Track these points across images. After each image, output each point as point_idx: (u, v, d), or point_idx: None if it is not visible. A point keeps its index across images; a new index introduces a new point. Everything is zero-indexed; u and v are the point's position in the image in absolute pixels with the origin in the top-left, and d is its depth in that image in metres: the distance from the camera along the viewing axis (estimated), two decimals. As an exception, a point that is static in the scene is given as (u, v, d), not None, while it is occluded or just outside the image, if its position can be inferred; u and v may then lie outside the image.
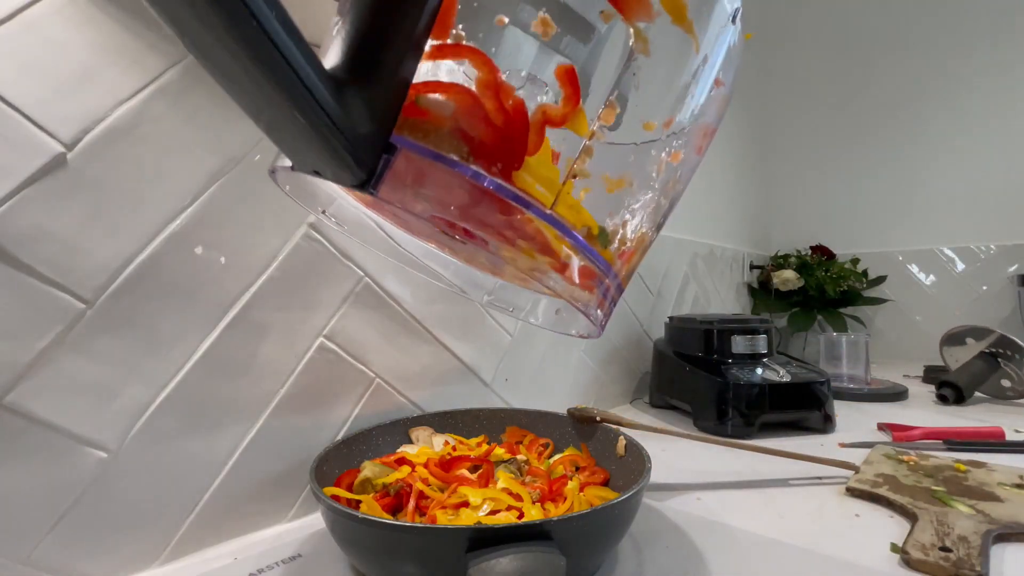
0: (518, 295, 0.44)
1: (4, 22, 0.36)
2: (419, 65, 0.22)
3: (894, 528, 0.50)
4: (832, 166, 1.68)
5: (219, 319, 0.46)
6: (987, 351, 0.94)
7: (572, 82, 0.27)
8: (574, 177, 0.28)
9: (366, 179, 0.21)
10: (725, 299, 1.43)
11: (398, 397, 0.61)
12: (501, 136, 0.25)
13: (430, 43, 0.24)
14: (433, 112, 0.24)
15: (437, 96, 0.25)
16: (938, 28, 1.51)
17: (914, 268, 1.53)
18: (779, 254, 1.57)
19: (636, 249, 0.33)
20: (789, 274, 1.44)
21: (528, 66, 0.28)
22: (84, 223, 0.39)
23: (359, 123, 0.19)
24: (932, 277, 1.51)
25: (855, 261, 1.51)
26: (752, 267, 1.59)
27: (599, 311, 0.30)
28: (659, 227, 0.35)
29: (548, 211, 0.27)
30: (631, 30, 0.27)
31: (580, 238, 0.28)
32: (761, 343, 0.88)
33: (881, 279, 1.51)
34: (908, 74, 1.55)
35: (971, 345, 0.94)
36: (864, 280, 1.48)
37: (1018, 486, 0.57)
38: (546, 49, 0.67)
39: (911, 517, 0.50)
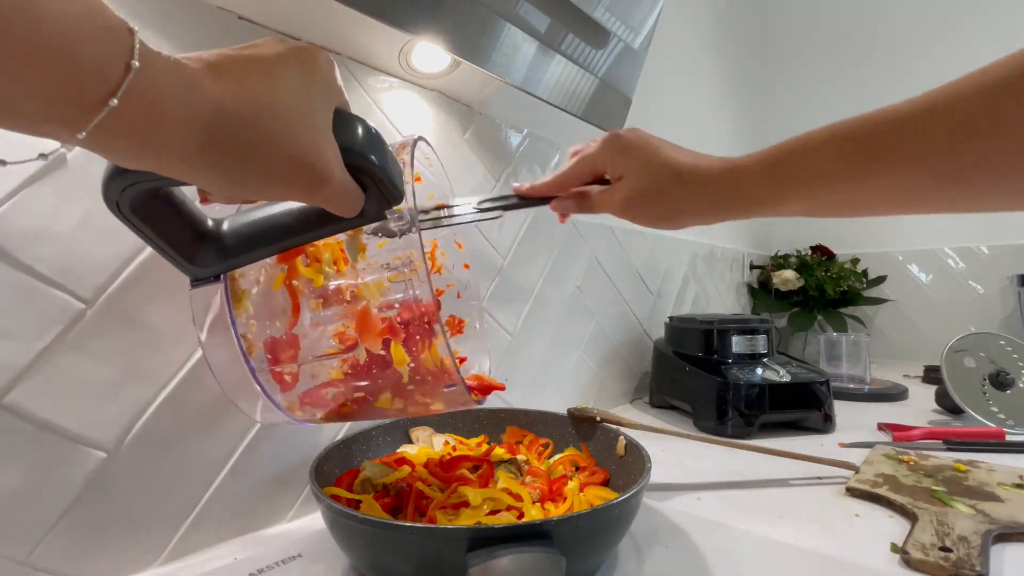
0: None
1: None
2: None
3: (894, 528, 0.50)
4: (832, 166, 1.68)
5: (219, 319, 0.46)
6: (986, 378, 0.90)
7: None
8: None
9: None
10: (725, 299, 1.43)
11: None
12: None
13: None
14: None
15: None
16: (939, 27, 1.51)
17: (914, 268, 1.53)
18: (779, 254, 1.57)
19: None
20: (789, 274, 1.44)
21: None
22: (84, 223, 0.39)
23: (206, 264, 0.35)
24: (932, 277, 1.51)
25: (855, 261, 1.51)
26: (752, 267, 1.59)
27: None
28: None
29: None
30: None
31: None
32: (761, 343, 0.88)
33: (881, 279, 1.51)
34: (908, 75, 1.55)
35: (970, 364, 0.92)
36: (864, 280, 1.48)
37: (1018, 486, 0.57)
38: (546, 49, 0.67)
39: (911, 517, 0.50)
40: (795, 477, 0.63)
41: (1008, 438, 0.75)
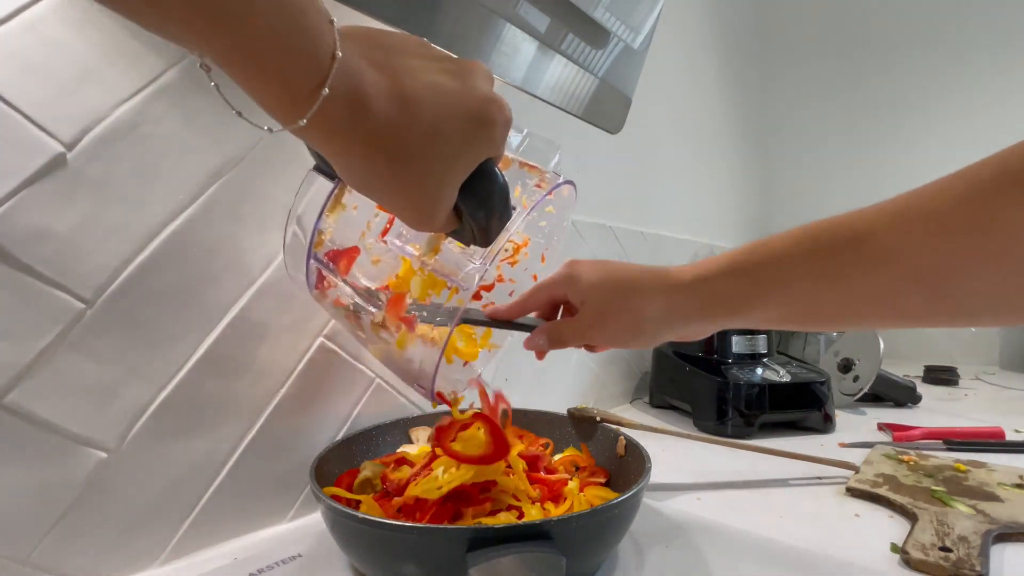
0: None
1: (4, 22, 0.36)
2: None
3: (894, 528, 0.50)
4: (832, 165, 1.68)
5: (219, 319, 0.46)
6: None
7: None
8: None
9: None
10: (725, 299, 1.43)
11: (398, 397, 0.61)
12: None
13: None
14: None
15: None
16: (939, 25, 1.51)
17: (914, 268, 1.53)
18: (779, 254, 1.57)
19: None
20: (789, 274, 1.44)
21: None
22: (84, 223, 0.39)
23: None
24: (932, 277, 1.51)
25: (855, 261, 1.50)
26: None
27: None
28: None
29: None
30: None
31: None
32: (761, 343, 0.88)
33: (881, 279, 1.50)
34: (908, 74, 1.55)
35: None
36: (864, 280, 1.48)
37: (1018, 486, 0.57)
38: (546, 49, 0.67)
39: (911, 517, 0.50)
40: (795, 477, 0.63)
41: (1008, 438, 0.75)
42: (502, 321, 0.48)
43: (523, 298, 0.48)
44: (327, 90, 0.20)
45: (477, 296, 0.56)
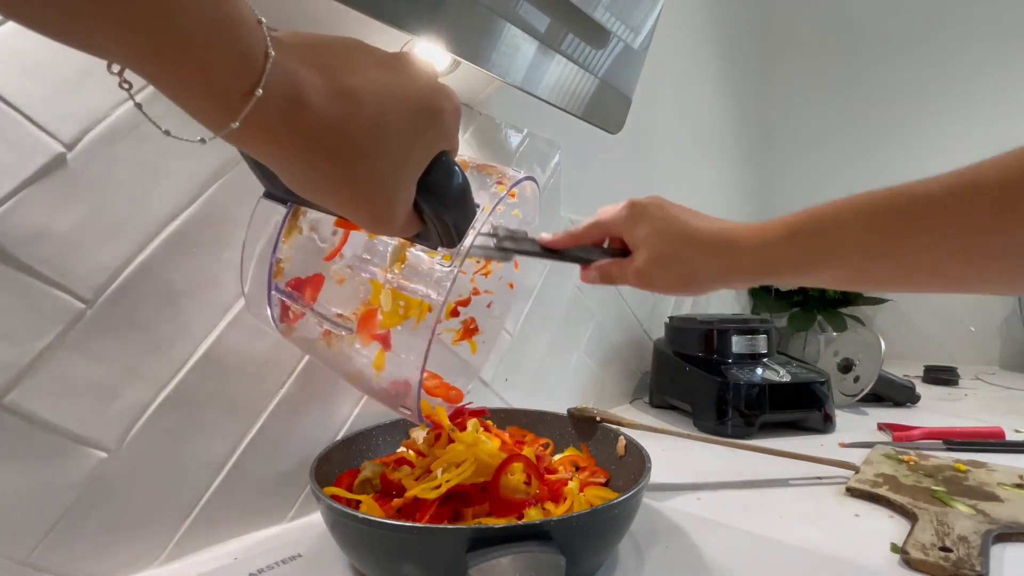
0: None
1: (4, 22, 0.36)
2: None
3: (894, 528, 0.50)
4: (832, 165, 1.68)
5: (219, 319, 0.46)
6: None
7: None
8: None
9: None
10: (725, 299, 1.43)
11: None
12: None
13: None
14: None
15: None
16: (939, 22, 1.51)
17: (914, 268, 1.53)
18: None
19: None
20: (789, 274, 1.44)
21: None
22: (84, 223, 0.39)
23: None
24: (932, 277, 1.51)
25: (855, 261, 1.50)
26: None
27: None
28: None
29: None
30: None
31: None
32: (761, 343, 0.88)
33: (881, 279, 1.50)
34: (908, 74, 1.55)
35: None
36: (864, 280, 1.48)
37: (1018, 486, 0.57)
38: (546, 49, 0.67)
39: (911, 517, 0.50)
40: (795, 477, 0.63)
41: (1008, 438, 0.75)
42: (553, 251, 0.48)
43: (577, 231, 0.48)
44: (261, 91, 0.19)
45: (454, 312, 0.56)
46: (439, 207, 0.27)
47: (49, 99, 0.37)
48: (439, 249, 0.32)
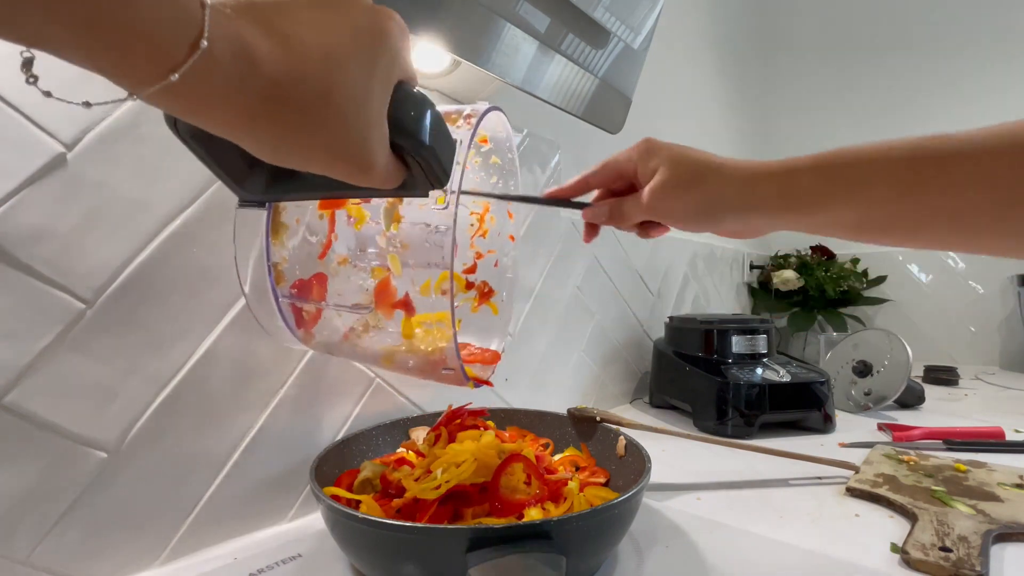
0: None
1: (4, 22, 0.36)
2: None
3: (894, 528, 0.50)
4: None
5: (219, 319, 0.46)
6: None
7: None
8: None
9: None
10: (725, 299, 1.43)
11: (398, 397, 0.61)
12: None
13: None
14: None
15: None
16: (939, 21, 1.51)
17: (914, 268, 1.54)
18: (779, 254, 1.57)
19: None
20: (789, 274, 1.44)
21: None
22: (84, 223, 0.39)
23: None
24: (932, 277, 1.51)
25: (855, 261, 1.51)
26: (752, 267, 1.59)
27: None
28: None
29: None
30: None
31: None
32: (761, 343, 0.88)
33: (881, 279, 1.51)
34: (909, 74, 1.55)
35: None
36: (864, 280, 1.48)
37: (1018, 486, 0.57)
38: (546, 49, 0.67)
39: (911, 517, 0.50)
40: (795, 477, 0.63)
41: (1008, 438, 0.75)
42: (564, 201, 0.46)
43: (587, 173, 0.46)
44: (205, 42, 0.18)
45: (469, 286, 0.55)
46: (415, 140, 0.26)
47: (49, 99, 0.37)
48: (431, 195, 0.30)
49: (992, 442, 0.74)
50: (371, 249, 0.41)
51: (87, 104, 0.21)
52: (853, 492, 0.57)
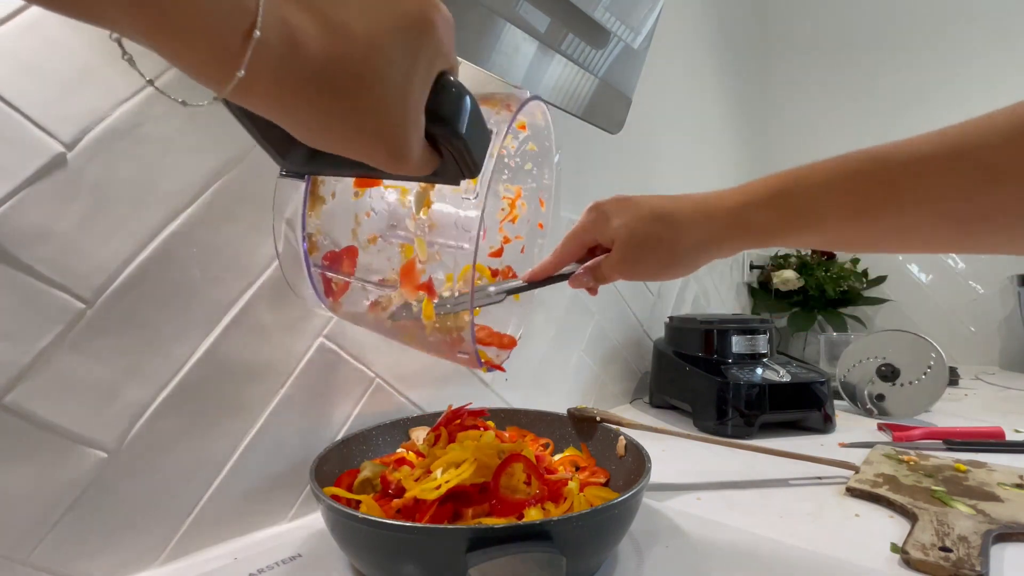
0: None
1: (4, 22, 0.36)
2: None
3: (894, 528, 0.50)
4: (832, 166, 1.68)
5: (219, 319, 0.46)
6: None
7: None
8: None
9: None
10: (725, 299, 1.43)
11: (398, 397, 0.61)
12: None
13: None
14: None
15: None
16: (938, 19, 1.51)
17: (914, 268, 1.53)
18: (779, 254, 1.57)
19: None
20: (789, 274, 1.44)
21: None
22: (84, 223, 0.39)
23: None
24: (932, 277, 1.51)
25: (855, 261, 1.50)
26: (752, 267, 1.59)
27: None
28: None
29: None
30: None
31: None
32: (761, 343, 0.88)
33: (881, 279, 1.50)
34: (909, 73, 1.55)
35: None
36: (864, 280, 1.48)
37: (1018, 486, 0.57)
38: (546, 49, 0.67)
39: (911, 517, 0.50)
40: (795, 477, 0.63)
41: (1008, 438, 0.75)
42: (543, 280, 0.49)
43: (556, 252, 0.48)
44: (259, 32, 0.19)
45: (494, 273, 0.55)
46: (450, 131, 0.26)
47: (49, 99, 0.37)
48: (462, 184, 0.31)
49: (992, 442, 0.74)
50: (400, 231, 0.42)
51: (184, 103, 0.23)
52: (853, 492, 0.57)
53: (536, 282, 0.48)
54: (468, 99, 0.27)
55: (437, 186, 0.40)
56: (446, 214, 0.41)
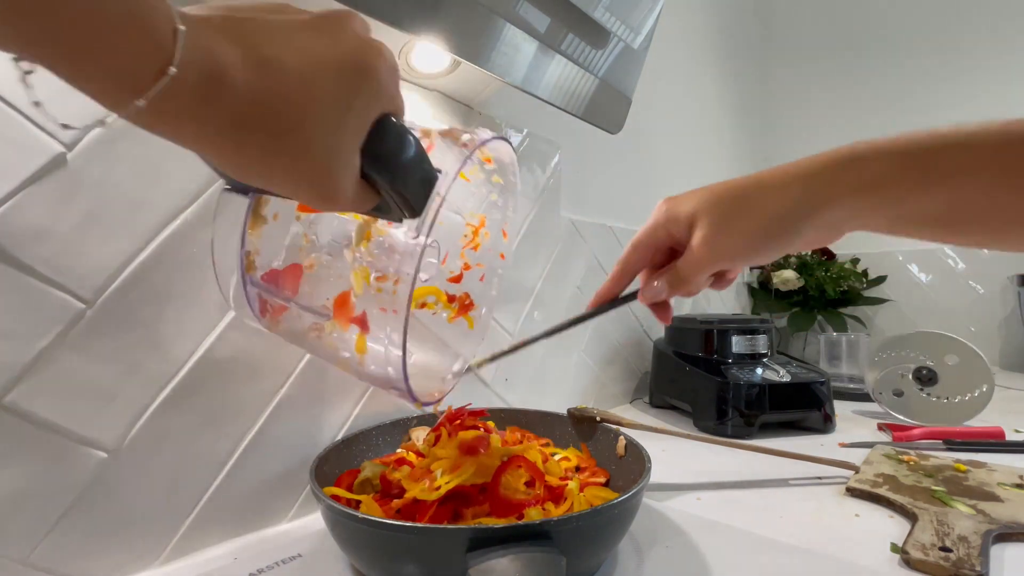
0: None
1: (4, 22, 0.36)
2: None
3: (894, 528, 0.50)
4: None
5: (219, 319, 0.46)
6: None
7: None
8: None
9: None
10: (725, 299, 1.43)
11: (398, 397, 0.61)
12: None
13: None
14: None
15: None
16: (939, 20, 1.51)
17: (914, 268, 1.53)
18: (779, 254, 1.57)
19: None
20: (789, 274, 1.44)
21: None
22: (84, 223, 0.39)
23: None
24: (932, 277, 1.51)
25: (855, 261, 1.50)
26: (752, 267, 1.59)
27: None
28: None
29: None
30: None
31: None
32: (761, 343, 0.88)
33: (881, 279, 1.50)
34: (909, 72, 1.55)
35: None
36: (864, 280, 1.48)
37: (1018, 486, 0.57)
38: (546, 49, 0.67)
39: (911, 517, 0.50)
40: (795, 477, 0.63)
41: (1008, 438, 0.75)
42: (609, 303, 0.44)
43: (620, 265, 0.43)
44: (174, 69, 0.18)
45: (450, 299, 0.55)
46: (388, 174, 0.26)
47: (49, 99, 0.37)
48: (404, 222, 0.30)
49: (992, 442, 0.74)
50: (338, 261, 0.40)
51: (65, 126, 0.22)
52: (853, 492, 0.57)
53: (603, 306, 0.43)
54: (405, 141, 0.26)
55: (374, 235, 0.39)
56: (393, 237, 0.39)
